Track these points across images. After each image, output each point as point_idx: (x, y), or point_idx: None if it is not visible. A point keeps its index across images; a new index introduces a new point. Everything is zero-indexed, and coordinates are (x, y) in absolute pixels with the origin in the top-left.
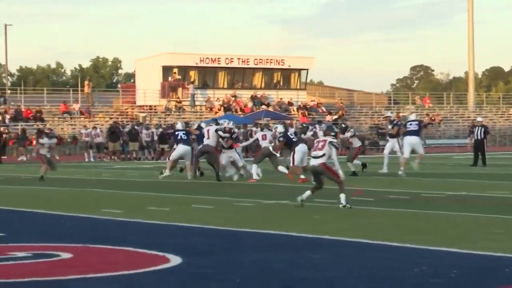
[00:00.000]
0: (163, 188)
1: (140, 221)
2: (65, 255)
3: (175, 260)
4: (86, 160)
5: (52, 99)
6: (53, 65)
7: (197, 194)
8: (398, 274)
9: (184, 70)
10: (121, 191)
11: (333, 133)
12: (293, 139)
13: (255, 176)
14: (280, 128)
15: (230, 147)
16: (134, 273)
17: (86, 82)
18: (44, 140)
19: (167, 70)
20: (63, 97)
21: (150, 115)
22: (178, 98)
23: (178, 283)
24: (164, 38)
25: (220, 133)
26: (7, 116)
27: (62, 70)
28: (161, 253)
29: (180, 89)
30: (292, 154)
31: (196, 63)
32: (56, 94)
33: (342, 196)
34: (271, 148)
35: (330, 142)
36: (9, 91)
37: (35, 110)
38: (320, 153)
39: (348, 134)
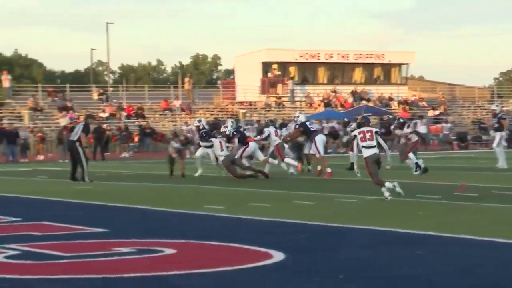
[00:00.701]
0: (264, 184)
1: (242, 217)
2: (169, 251)
3: (278, 256)
4: (188, 156)
5: (153, 96)
6: (154, 63)
7: (297, 190)
8: (503, 272)
9: (283, 66)
10: (222, 187)
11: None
12: (311, 129)
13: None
14: (302, 117)
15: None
16: (237, 269)
17: (186, 79)
18: (177, 145)
19: (266, 66)
20: (164, 94)
21: (250, 111)
22: (278, 94)
23: (281, 279)
24: (262, 34)
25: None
26: (109, 114)
27: (163, 67)
28: (263, 249)
29: (279, 85)
30: (313, 144)
31: (296, 59)
32: (157, 91)
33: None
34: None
35: (376, 132)
36: (111, 89)
37: (136, 107)
38: (373, 143)
39: (407, 130)
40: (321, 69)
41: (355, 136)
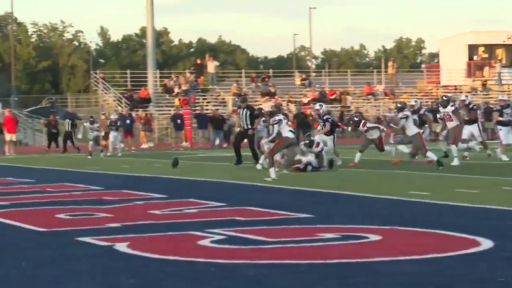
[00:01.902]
0: (470, 170)
1: (448, 203)
2: (374, 237)
3: (486, 243)
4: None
5: (356, 81)
6: (356, 47)
7: (506, 176)
8: None
9: (490, 48)
10: (423, 172)
11: None
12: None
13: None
14: (324, 108)
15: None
16: (443, 256)
17: (390, 63)
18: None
19: (472, 49)
20: (367, 78)
21: (455, 95)
22: (484, 77)
23: (488, 267)
24: (467, 16)
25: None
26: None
27: (365, 51)
28: (470, 236)
29: (486, 68)
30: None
31: (504, 41)
32: (359, 75)
33: None
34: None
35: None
36: (313, 74)
37: (338, 91)
38: None
39: (449, 109)
40: None
41: None
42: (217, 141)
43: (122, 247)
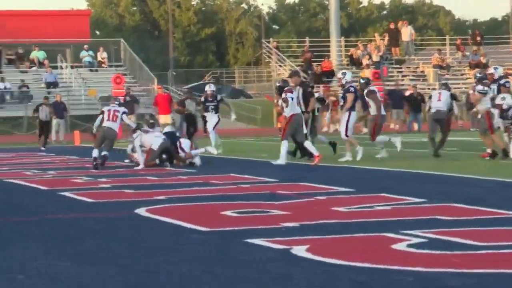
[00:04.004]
0: None
1: None
2: None
3: None
4: None
5: None
6: None
7: None
8: None
9: None
10: None
11: None
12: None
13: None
14: (349, 76)
15: None
16: None
17: None
18: None
19: None
20: None
21: None
22: None
23: None
24: None
25: None
26: None
27: None
28: None
29: None
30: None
31: None
32: None
33: None
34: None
35: None
36: None
37: None
38: None
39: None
40: None
41: None
42: (416, 126)
43: (300, 251)
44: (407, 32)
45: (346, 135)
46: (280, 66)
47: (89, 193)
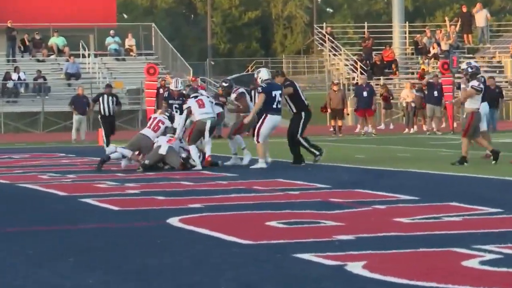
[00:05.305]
0: None
1: None
2: None
3: None
4: None
5: None
6: None
7: None
8: None
9: None
10: None
11: None
12: None
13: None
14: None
15: None
16: None
17: None
18: None
19: None
20: None
21: None
22: None
23: None
24: None
25: None
26: None
27: None
28: None
29: None
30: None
31: None
32: None
33: None
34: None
35: None
36: None
37: None
38: None
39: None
40: None
41: None
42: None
43: (356, 267)
44: (482, 17)
45: (258, 141)
46: (335, 55)
47: (115, 200)
